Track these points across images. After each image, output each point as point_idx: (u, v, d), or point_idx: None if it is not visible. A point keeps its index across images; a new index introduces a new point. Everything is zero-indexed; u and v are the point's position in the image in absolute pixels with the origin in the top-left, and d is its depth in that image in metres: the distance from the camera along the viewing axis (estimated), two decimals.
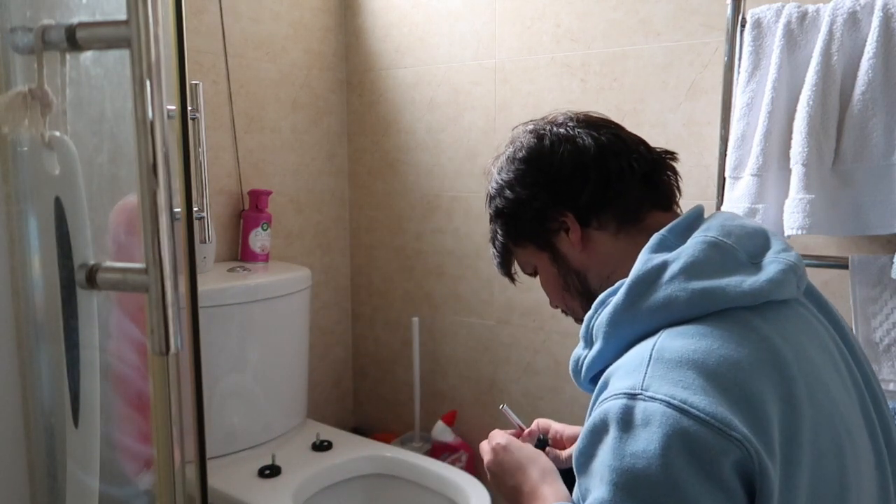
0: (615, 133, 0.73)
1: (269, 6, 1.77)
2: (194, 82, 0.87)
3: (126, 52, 0.41)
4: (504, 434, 0.81)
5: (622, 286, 0.61)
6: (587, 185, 0.70)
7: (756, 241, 0.65)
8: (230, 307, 1.48)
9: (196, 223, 0.94)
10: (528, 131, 0.75)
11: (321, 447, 1.57)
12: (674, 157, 0.74)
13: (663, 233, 0.65)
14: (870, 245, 1.30)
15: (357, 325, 2.11)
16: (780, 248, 0.65)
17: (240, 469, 1.47)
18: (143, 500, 0.69)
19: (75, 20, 0.45)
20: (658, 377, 0.54)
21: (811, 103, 1.15)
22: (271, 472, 1.45)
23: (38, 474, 0.50)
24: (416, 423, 1.89)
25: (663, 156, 0.74)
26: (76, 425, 0.50)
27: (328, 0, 1.93)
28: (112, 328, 0.62)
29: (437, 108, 1.84)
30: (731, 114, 1.27)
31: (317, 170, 1.95)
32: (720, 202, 1.30)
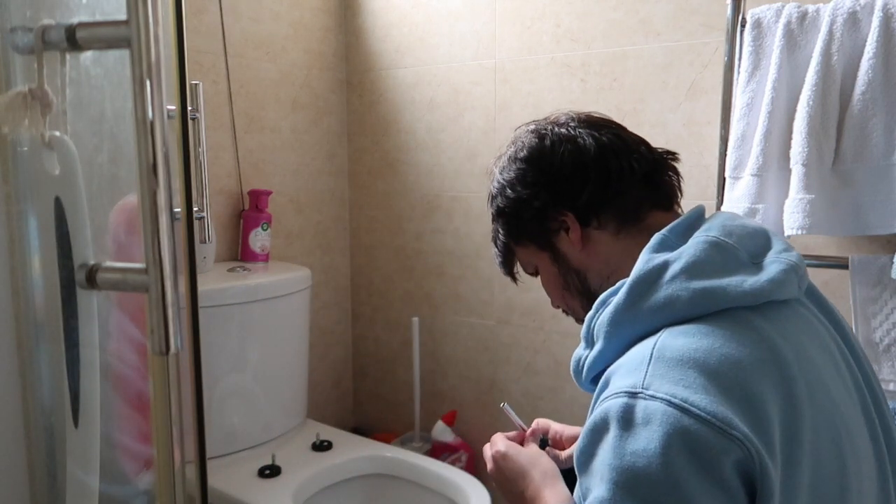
0: (616, 133, 0.73)
1: (269, 6, 1.77)
2: (194, 82, 0.87)
3: (126, 52, 0.41)
4: (503, 440, 0.80)
5: (623, 286, 0.61)
6: (587, 184, 0.70)
7: (757, 241, 0.65)
8: (230, 307, 1.48)
9: (196, 223, 0.94)
10: (529, 131, 0.76)
11: (321, 447, 1.57)
12: (675, 157, 0.74)
13: (664, 233, 0.65)
14: (870, 245, 1.30)
15: (357, 325, 2.11)
16: (781, 248, 0.65)
17: (240, 469, 1.47)
18: (143, 500, 0.69)
19: (75, 20, 0.45)
20: (659, 376, 0.54)
21: (811, 103, 1.15)
22: (271, 472, 1.45)
23: (38, 474, 0.50)
24: (416, 423, 1.89)
25: (665, 156, 0.74)
26: (76, 425, 0.50)
27: (328, 0, 1.93)
28: (112, 328, 0.62)
29: (437, 108, 1.84)
30: (731, 114, 1.27)
31: (317, 170, 1.95)
32: (720, 202, 1.30)
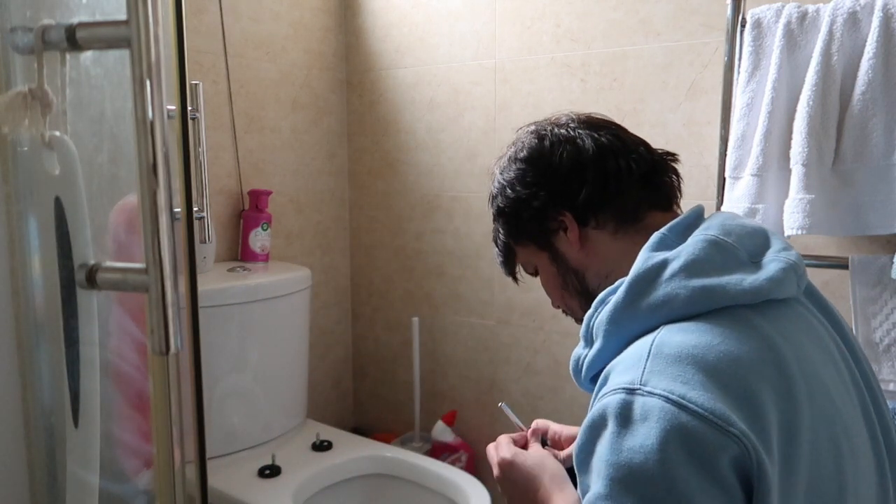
0: (615, 134, 0.73)
1: (269, 6, 1.77)
2: (194, 82, 0.87)
3: (126, 52, 0.41)
4: (509, 445, 0.79)
5: (622, 284, 0.61)
6: (585, 185, 0.70)
7: (756, 241, 0.65)
8: (230, 307, 1.48)
9: (196, 223, 0.94)
10: (530, 132, 0.76)
11: (321, 447, 1.57)
12: (675, 158, 0.75)
13: (663, 231, 0.65)
14: (870, 245, 1.30)
15: (357, 325, 2.11)
16: (780, 247, 0.65)
17: (240, 469, 1.47)
18: (144, 500, 0.69)
19: (75, 20, 0.45)
20: (657, 372, 0.54)
21: (811, 103, 1.15)
22: (271, 472, 1.45)
23: (38, 474, 0.50)
24: (416, 423, 1.89)
25: (664, 157, 0.74)
26: (76, 425, 0.50)
27: (328, 0, 1.93)
28: (114, 327, 0.62)
29: (437, 108, 1.84)
30: (731, 114, 1.27)
31: (317, 170, 1.95)
32: (720, 202, 1.30)
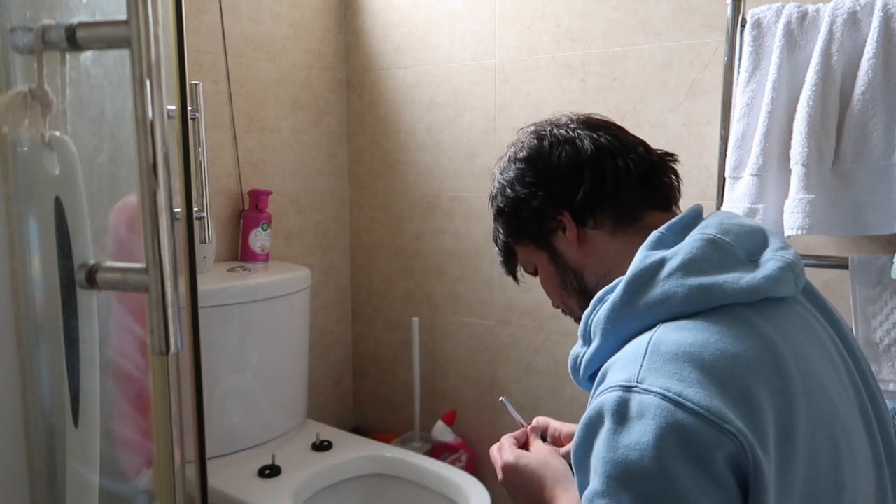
0: (614, 134, 0.73)
1: (269, 6, 1.77)
2: (194, 82, 0.87)
3: (126, 52, 0.41)
4: (511, 447, 0.79)
5: (620, 283, 0.62)
6: (583, 184, 0.71)
7: (754, 240, 0.65)
8: (230, 307, 1.48)
9: (196, 223, 0.94)
10: (529, 132, 0.77)
11: (321, 447, 1.57)
12: (674, 158, 0.75)
13: (661, 230, 0.65)
14: (870, 245, 1.30)
15: (357, 325, 2.11)
16: (778, 246, 0.65)
17: (240, 469, 1.47)
18: (144, 500, 0.69)
19: (75, 20, 0.45)
20: (654, 370, 0.54)
21: (811, 103, 1.15)
22: (271, 472, 1.45)
23: (38, 474, 0.50)
24: (416, 423, 1.89)
25: (664, 157, 0.74)
26: (76, 425, 0.50)
27: (328, 0, 1.93)
28: (116, 326, 0.62)
29: (437, 108, 1.84)
30: (731, 114, 1.27)
31: (317, 170, 1.95)
32: (720, 202, 1.30)
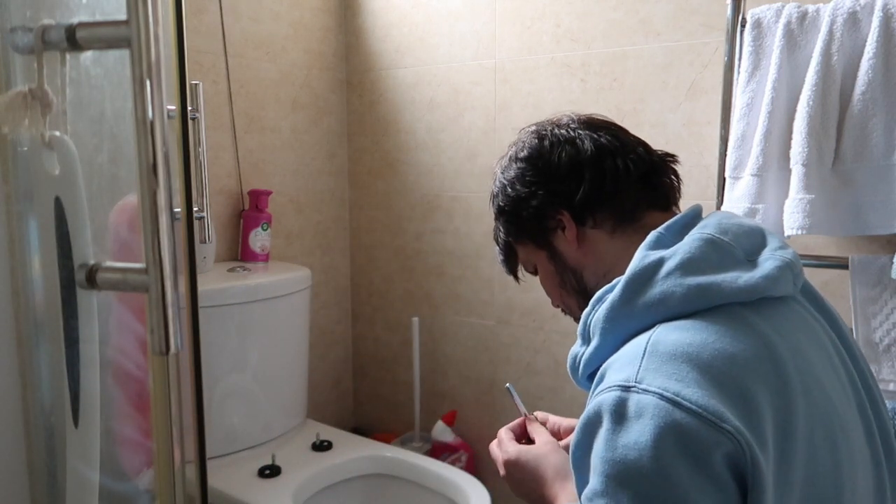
0: (614, 134, 0.73)
1: (269, 6, 1.77)
2: (194, 82, 0.87)
3: (126, 52, 0.41)
4: (511, 441, 0.79)
5: (619, 283, 0.62)
6: (583, 184, 0.71)
7: (753, 240, 0.65)
8: (230, 307, 1.48)
9: (196, 223, 0.94)
10: (530, 132, 0.77)
11: (321, 447, 1.57)
12: (674, 159, 0.75)
13: (660, 230, 0.65)
14: (870, 245, 1.30)
15: (357, 325, 2.11)
16: (776, 246, 0.65)
17: (240, 469, 1.47)
18: (144, 499, 0.69)
19: (75, 20, 0.45)
20: (652, 370, 0.54)
21: (811, 103, 1.15)
22: (271, 472, 1.45)
23: (38, 474, 0.50)
24: (416, 423, 1.89)
25: (664, 158, 0.74)
26: (76, 425, 0.50)
27: (328, 0, 1.93)
28: (117, 325, 0.62)
29: (437, 108, 1.84)
30: (731, 114, 1.27)
31: (317, 170, 1.95)
32: (720, 202, 1.30)
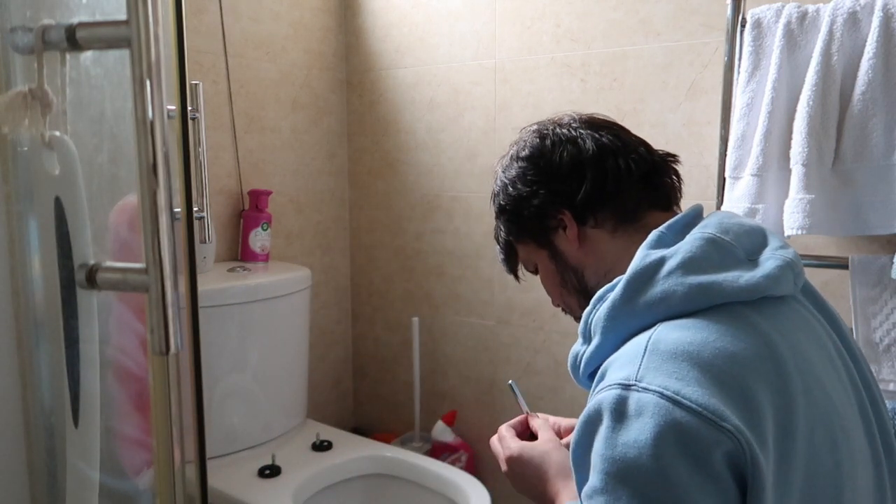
0: (616, 134, 0.73)
1: (269, 6, 1.77)
2: (194, 82, 0.87)
3: (126, 52, 0.41)
4: (513, 437, 0.79)
5: (620, 282, 0.62)
6: (584, 183, 0.71)
7: (754, 239, 0.65)
8: (230, 307, 1.48)
9: (196, 223, 0.94)
10: (532, 131, 0.77)
11: (321, 447, 1.57)
12: (675, 159, 0.75)
13: (661, 230, 0.65)
14: (870, 245, 1.30)
15: (357, 325, 2.11)
16: (777, 245, 0.65)
17: (240, 469, 1.47)
18: (144, 499, 0.69)
19: (75, 20, 0.45)
20: (653, 368, 0.54)
21: (811, 103, 1.15)
22: (271, 472, 1.45)
23: (39, 474, 0.50)
24: (416, 423, 1.89)
25: (665, 158, 0.74)
26: (76, 425, 0.50)
27: (328, 0, 1.93)
28: (119, 324, 0.62)
29: (437, 108, 1.84)
30: (731, 114, 1.27)
31: (317, 170, 1.95)
32: (720, 202, 1.30)
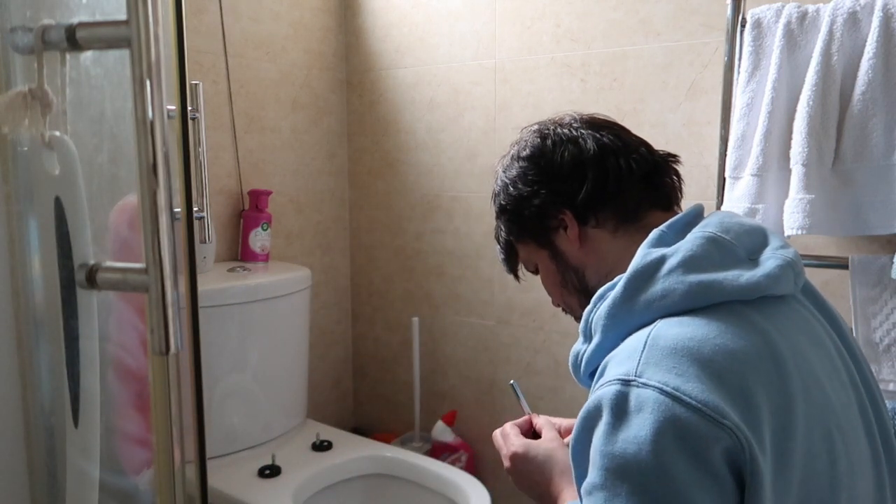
0: (617, 134, 0.73)
1: (269, 6, 1.77)
2: (194, 82, 0.87)
3: (126, 52, 0.41)
4: (518, 435, 0.79)
5: (621, 280, 0.62)
6: (585, 183, 0.71)
7: (754, 238, 0.65)
8: (230, 307, 1.48)
9: (196, 223, 0.94)
10: (533, 131, 0.77)
11: (321, 447, 1.57)
12: (676, 160, 0.75)
13: (662, 229, 0.65)
14: (870, 245, 1.30)
15: (357, 325, 2.11)
16: (778, 245, 0.65)
17: (240, 469, 1.47)
18: (144, 499, 0.69)
19: (75, 20, 0.45)
20: (653, 364, 0.54)
21: (811, 103, 1.15)
22: (271, 472, 1.45)
23: (38, 474, 0.50)
24: (416, 423, 1.89)
25: (666, 158, 0.74)
26: (76, 425, 0.50)
27: (328, 0, 1.93)
28: (121, 323, 0.62)
29: (437, 108, 1.84)
30: (731, 114, 1.27)
31: (317, 170, 1.95)
32: (720, 202, 1.30)
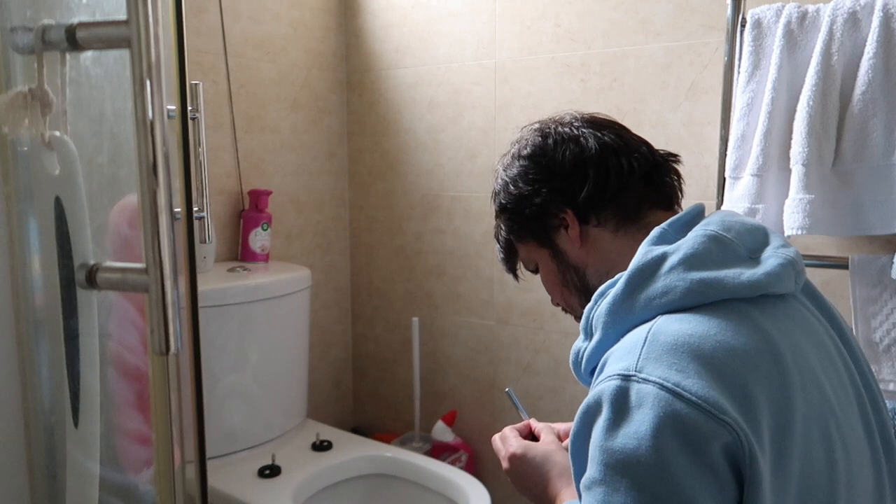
0: (618, 133, 0.73)
1: (269, 6, 1.77)
2: (194, 82, 0.87)
3: (126, 52, 0.41)
4: (517, 437, 0.79)
5: (622, 277, 0.62)
6: (586, 182, 0.71)
7: (755, 237, 0.65)
8: (230, 307, 1.48)
9: (196, 223, 0.94)
10: (533, 130, 0.77)
11: (321, 447, 1.57)
12: (677, 159, 0.75)
13: (663, 227, 0.65)
14: (870, 245, 1.30)
15: (357, 325, 2.11)
16: (779, 244, 0.65)
17: (240, 469, 1.47)
18: (144, 499, 0.69)
19: (75, 20, 0.45)
20: (652, 359, 0.54)
21: (811, 103, 1.15)
22: (271, 472, 1.45)
23: (38, 474, 0.50)
24: (416, 423, 1.89)
25: (667, 158, 0.74)
26: (76, 425, 0.50)
27: (328, 0, 1.93)
28: (122, 322, 0.62)
29: (437, 108, 1.84)
30: (731, 114, 1.27)
31: (317, 170, 1.95)
32: (720, 202, 1.30)
